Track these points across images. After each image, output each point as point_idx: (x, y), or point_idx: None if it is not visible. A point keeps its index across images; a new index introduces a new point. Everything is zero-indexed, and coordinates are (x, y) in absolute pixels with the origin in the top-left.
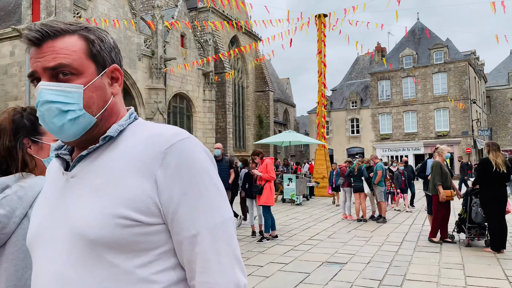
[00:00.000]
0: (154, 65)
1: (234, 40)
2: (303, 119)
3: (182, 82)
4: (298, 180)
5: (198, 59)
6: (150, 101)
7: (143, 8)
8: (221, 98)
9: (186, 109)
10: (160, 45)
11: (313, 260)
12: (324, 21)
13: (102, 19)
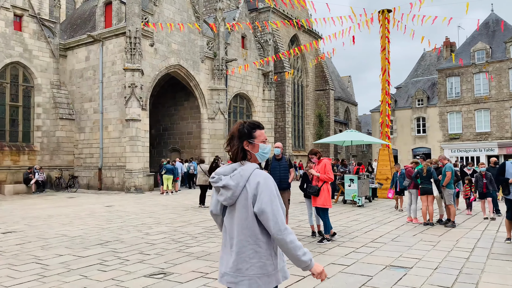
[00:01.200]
0: (216, 66)
1: (294, 39)
2: (365, 118)
3: (242, 82)
4: (360, 181)
5: (258, 59)
6: (212, 102)
7: (205, 11)
8: (280, 97)
9: (246, 109)
10: (222, 47)
11: (376, 263)
12: (388, 16)
13: (167, 23)
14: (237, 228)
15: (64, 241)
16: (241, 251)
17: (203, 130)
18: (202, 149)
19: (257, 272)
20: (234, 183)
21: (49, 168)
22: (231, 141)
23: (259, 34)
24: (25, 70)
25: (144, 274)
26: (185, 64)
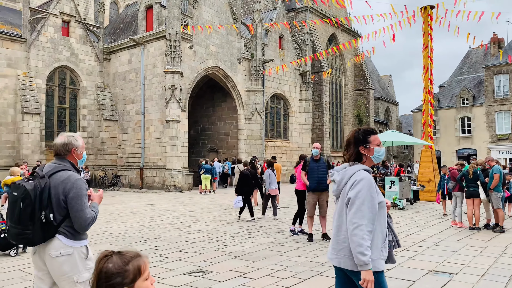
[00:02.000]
0: (253, 67)
1: (332, 38)
2: (406, 118)
3: (279, 82)
4: (401, 183)
5: (295, 59)
6: (249, 102)
7: (243, 12)
8: (318, 97)
9: (283, 109)
10: (259, 48)
11: (418, 267)
12: (431, 13)
13: (206, 26)
14: (336, 215)
15: (108, 238)
16: (337, 234)
17: (240, 130)
18: (239, 149)
19: (347, 254)
20: (339, 178)
21: (93, 167)
22: (348, 147)
23: (297, 34)
24: (72, 74)
25: (183, 272)
26: (223, 65)
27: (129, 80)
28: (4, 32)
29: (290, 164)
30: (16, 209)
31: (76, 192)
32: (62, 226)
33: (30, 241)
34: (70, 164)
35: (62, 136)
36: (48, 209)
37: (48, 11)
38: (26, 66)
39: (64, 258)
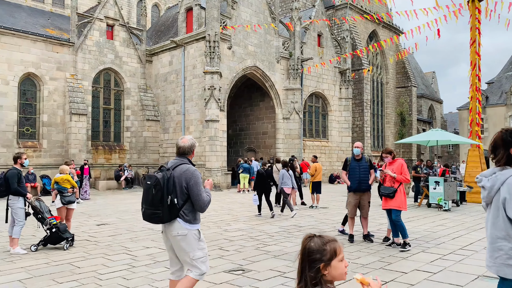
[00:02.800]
0: (291, 66)
1: (373, 35)
2: (451, 116)
3: (318, 81)
4: (446, 183)
5: (334, 57)
6: (287, 101)
7: (281, 11)
8: (358, 95)
9: (322, 108)
10: (298, 46)
11: (467, 272)
12: (479, 6)
13: (244, 25)
14: (490, 224)
15: (151, 234)
16: (492, 242)
17: (278, 130)
18: (277, 149)
19: (504, 262)
20: (490, 185)
21: (137, 166)
22: (496, 150)
23: (336, 31)
24: (116, 75)
25: (224, 270)
26: (261, 65)
27: (170, 81)
28: (54, 37)
29: (329, 164)
30: (149, 194)
31: (195, 180)
32: (183, 209)
33: (161, 219)
34: (188, 160)
35: (186, 140)
36: (173, 194)
37: (94, 15)
38: (74, 69)
39: (180, 237)
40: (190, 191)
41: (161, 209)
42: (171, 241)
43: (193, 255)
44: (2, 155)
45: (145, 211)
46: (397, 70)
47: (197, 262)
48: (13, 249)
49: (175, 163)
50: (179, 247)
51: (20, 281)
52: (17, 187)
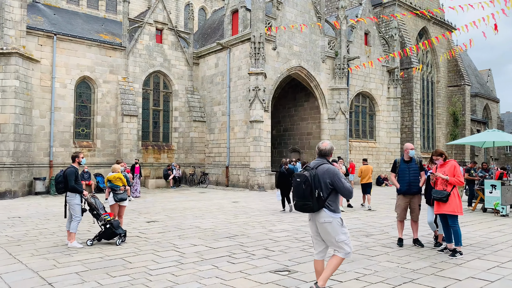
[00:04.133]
0: (337, 65)
1: (423, 32)
2: (509, 116)
3: (365, 80)
4: (504, 187)
5: (382, 55)
6: (333, 101)
7: (327, 10)
8: (407, 95)
9: (369, 108)
10: (344, 45)
11: None
12: None
13: (290, 26)
14: None
15: (198, 232)
16: None
17: (323, 130)
18: None
19: None
20: None
21: (184, 165)
22: None
23: (384, 29)
24: (164, 78)
25: (269, 270)
26: (306, 65)
27: (216, 83)
28: (107, 42)
29: (377, 165)
30: (300, 189)
31: (338, 176)
32: (327, 201)
33: (311, 209)
34: (327, 161)
35: (326, 144)
36: (319, 188)
37: (144, 20)
38: (125, 72)
39: (327, 224)
40: (336, 185)
41: (311, 201)
42: (318, 227)
43: (338, 238)
44: (60, 154)
45: (296, 202)
46: (449, 68)
47: (342, 244)
48: (70, 243)
49: (317, 163)
50: (326, 232)
51: (77, 273)
52: (74, 185)
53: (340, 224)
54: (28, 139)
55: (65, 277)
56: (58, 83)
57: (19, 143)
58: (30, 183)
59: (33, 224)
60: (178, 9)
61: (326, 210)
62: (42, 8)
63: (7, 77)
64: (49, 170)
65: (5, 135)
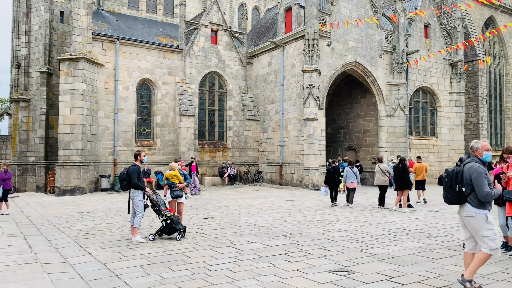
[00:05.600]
0: (395, 60)
1: (489, 22)
2: None
3: (425, 75)
4: None
5: (444, 48)
6: (391, 98)
7: (383, 4)
8: (471, 89)
9: (430, 104)
10: (402, 39)
11: None
12: None
13: (345, 21)
14: None
15: (253, 230)
16: None
17: (380, 127)
18: (379, 147)
19: None
20: None
21: (238, 163)
22: None
23: (445, 20)
24: (219, 78)
25: (327, 270)
26: (362, 60)
27: (269, 81)
28: (166, 45)
29: (439, 164)
30: (444, 182)
31: (476, 175)
32: (470, 197)
33: (450, 200)
34: (477, 158)
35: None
36: (461, 183)
37: (199, 22)
38: (183, 74)
39: (469, 218)
40: (473, 183)
41: (450, 193)
42: (463, 221)
43: (482, 233)
44: (123, 153)
45: (443, 194)
46: None
47: (486, 239)
48: (134, 237)
49: (466, 161)
50: (470, 226)
51: (141, 266)
52: (137, 182)
53: (485, 220)
54: (94, 138)
55: (130, 270)
56: (121, 86)
57: (86, 143)
58: (96, 180)
59: (100, 219)
60: (232, 9)
61: (468, 205)
62: (105, 14)
63: (76, 80)
64: (113, 168)
65: (74, 135)
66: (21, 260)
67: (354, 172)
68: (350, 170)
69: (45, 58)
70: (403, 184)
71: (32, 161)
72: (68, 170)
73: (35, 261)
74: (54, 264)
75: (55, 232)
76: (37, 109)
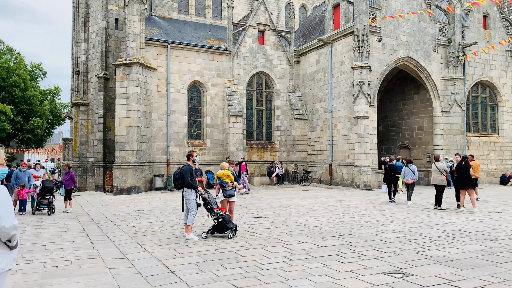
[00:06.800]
0: (450, 53)
1: None
2: None
3: (485, 68)
4: None
5: (505, 39)
6: (446, 93)
7: None
8: None
9: (490, 99)
10: (458, 31)
11: None
12: None
13: (396, 15)
14: None
15: (304, 230)
16: None
17: (435, 125)
18: (434, 145)
19: None
20: None
21: (286, 163)
22: None
23: (507, 10)
24: (267, 78)
25: (381, 271)
26: (415, 55)
27: (317, 79)
28: (214, 47)
29: (500, 162)
30: None
31: None
32: None
33: None
34: None
35: None
36: None
37: (247, 23)
38: (231, 75)
39: None
40: None
41: None
42: None
43: None
44: (175, 153)
45: None
46: None
47: None
48: (187, 235)
49: None
50: None
51: (195, 263)
52: (190, 181)
53: None
54: (148, 140)
55: (185, 267)
56: (172, 88)
57: (141, 144)
58: (151, 180)
59: (155, 217)
60: (279, 9)
61: None
62: (157, 20)
63: (130, 84)
64: (166, 167)
65: (130, 137)
66: (85, 255)
67: (412, 169)
68: (408, 168)
69: (102, 64)
70: (467, 183)
71: (92, 162)
72: (125, 170)
73: (97, 257)
74: (114, 259)
75: (114, 229)
76: (95, 112)
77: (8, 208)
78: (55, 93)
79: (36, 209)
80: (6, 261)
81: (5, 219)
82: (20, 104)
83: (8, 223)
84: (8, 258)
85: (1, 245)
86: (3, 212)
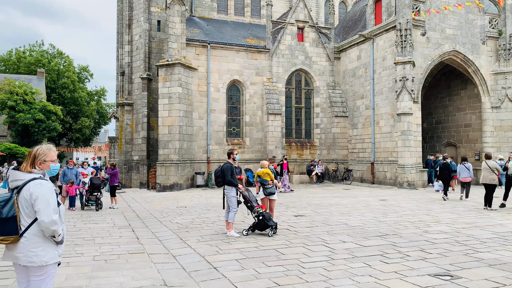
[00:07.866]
0: (501, 46)
1: None
2: None
3: None
4: None
5: None
6: (497, 88)
7: None
8: None
9: None
10: (510, 22)
11: None
12: None
13: (441, 7)
14: None
15: (346, 229)
16: None
17: (484, 121)
18: (483, 143)
19: None
20: None
21: (326, 161)
22: None
23: None
24: (306, 75)
25: (428, 273)
26: (462, 48)
27: (358, 76)
28: (253, 46)
29: None
30: None
31: None
32: None
33: None
34: None
35: None
36: None
37: (286, 21)
38: (270, 73)
39: None
40: None
41: None
42: None
43: None
44: (215, 151)
45: None
46: None
47: None
48: (229, 232)
49: None
50: None
51: (237, 260)
52: (231, 179)
53: None
54: (189, 138)
55: (227, 263)
56: (212, 88)
57: (183, 142)
58: (192, 177)
59: (196, 213)
60: (319, 5)
61: None
62: (197, 20)
63: (172, 85)
64: (207, 165)
65: (172, 136)
66: (131, 250)
67: (467, 167)
68: (463, 166)
69: (145, 65)
70: None
71: (136, 160)
72: (167, 167)
73: (143, 251)
74: (159, 254)
75: (158, 225)
76: (139, 112)
77: (48, 203)
78: (101, 94)
79: (85, 205)
80: (50, 255)
81: (44, 214)
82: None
83: (48, 218)
84: (52, 252)
85: (48, 240)
86: (42, 206)
